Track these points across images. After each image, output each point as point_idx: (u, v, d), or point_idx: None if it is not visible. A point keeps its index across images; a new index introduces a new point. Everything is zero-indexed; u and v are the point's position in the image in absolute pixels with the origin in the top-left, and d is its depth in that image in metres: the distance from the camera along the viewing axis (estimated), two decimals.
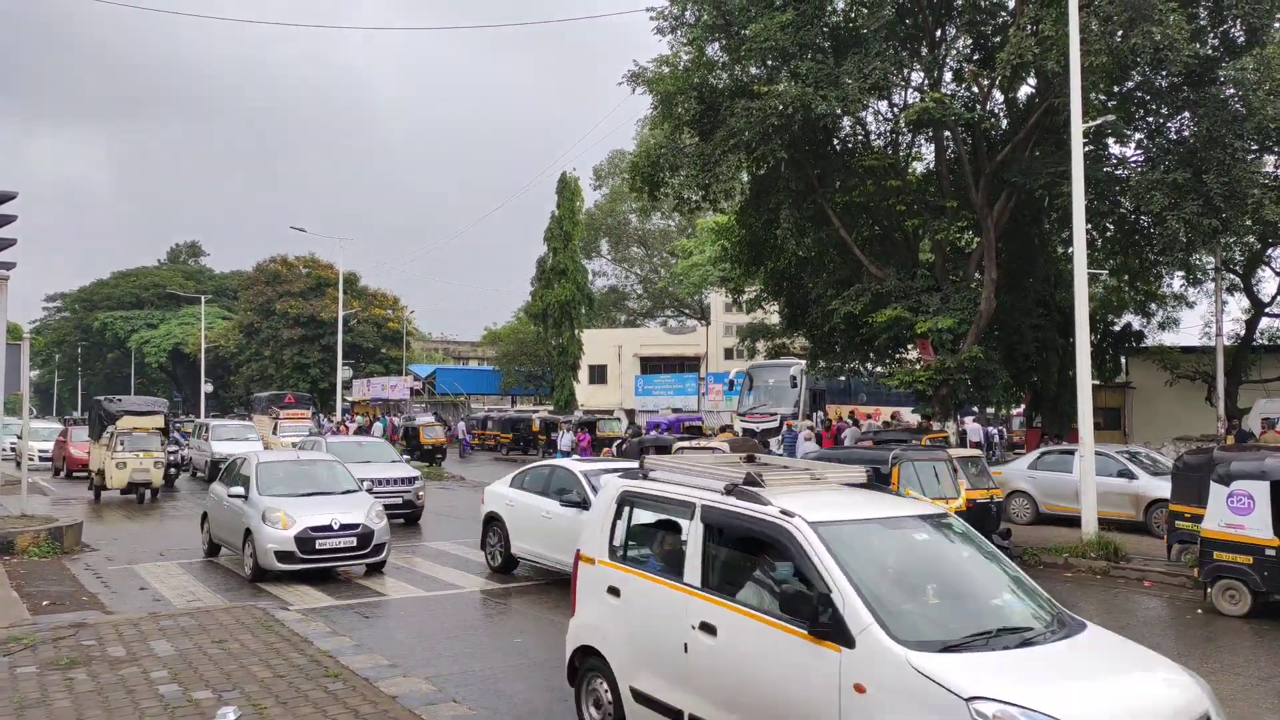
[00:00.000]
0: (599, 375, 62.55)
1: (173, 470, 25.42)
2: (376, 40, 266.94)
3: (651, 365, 61.53)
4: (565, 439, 35.08)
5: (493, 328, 78.40)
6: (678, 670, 5.62)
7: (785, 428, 25.77)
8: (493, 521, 13.73)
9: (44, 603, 10.81)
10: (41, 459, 32.19)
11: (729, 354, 60.35)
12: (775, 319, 33.09)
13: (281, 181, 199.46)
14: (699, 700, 5.46)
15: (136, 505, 22.14)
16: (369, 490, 15.47)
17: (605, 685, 6.18)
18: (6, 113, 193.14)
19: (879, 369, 28.73)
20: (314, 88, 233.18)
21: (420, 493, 19.12)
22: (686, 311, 70.21)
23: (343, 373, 48.82)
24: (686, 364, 61.19)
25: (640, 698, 5.88)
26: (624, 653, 6.06)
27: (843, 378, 32.87)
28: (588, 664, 6.36)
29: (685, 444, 18.88)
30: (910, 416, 32.13)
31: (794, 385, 33.87)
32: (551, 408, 50.95)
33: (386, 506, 15.12)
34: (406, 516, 18.69)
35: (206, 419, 41.78)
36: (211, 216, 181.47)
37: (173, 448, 25.95)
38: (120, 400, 25.12)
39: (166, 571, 13.41)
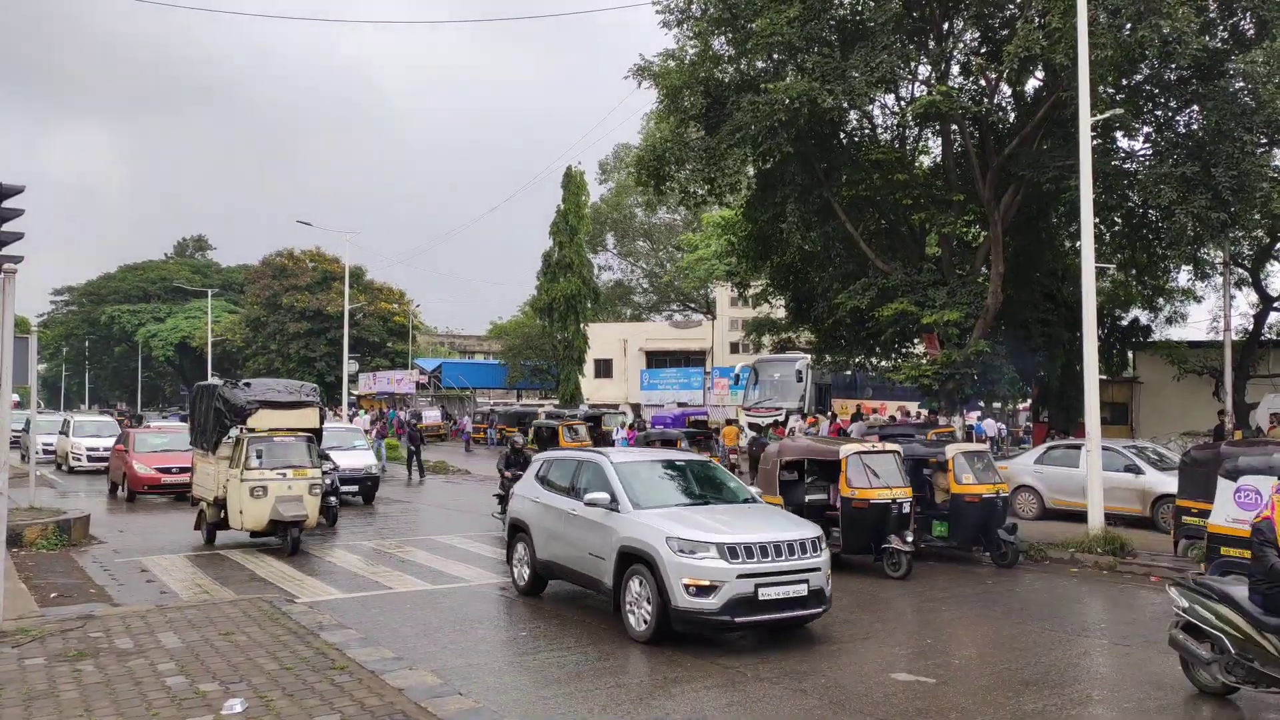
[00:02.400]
0: (604, 369, 62.52)
1: (333, 500, 16.83)
2: (385, 34, 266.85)
3: (657, 359, 61.47)
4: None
5: (498, 322, 78.54)
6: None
7: (807, 426, 25.75)
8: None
9: (52, 595, 10.86)
10: (90, 459, 27.82)
11: (734, 348, 60.28)
12: (781, 313, 33.03)
13: (288, 175, 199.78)
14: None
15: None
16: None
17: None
18: (20, 108, 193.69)
19: (885, 363, 28.68)
20: (322, 81, 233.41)
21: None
22: (692, 305, 70.12)
23: (349, 366, 48.85)
24: (692, 358, 61.11)
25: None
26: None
27: (848, 372, 32.83)
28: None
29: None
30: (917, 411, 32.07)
31: (800, 380, 33.85)
32: (557, 401, 50.97)
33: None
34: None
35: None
36: (218, 210, 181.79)
37: (328, 464, 17.27)
38: (250, 386, 15.55)
39: (173, 564, 13.46)
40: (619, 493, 9.75)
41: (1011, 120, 22.46)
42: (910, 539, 12.86)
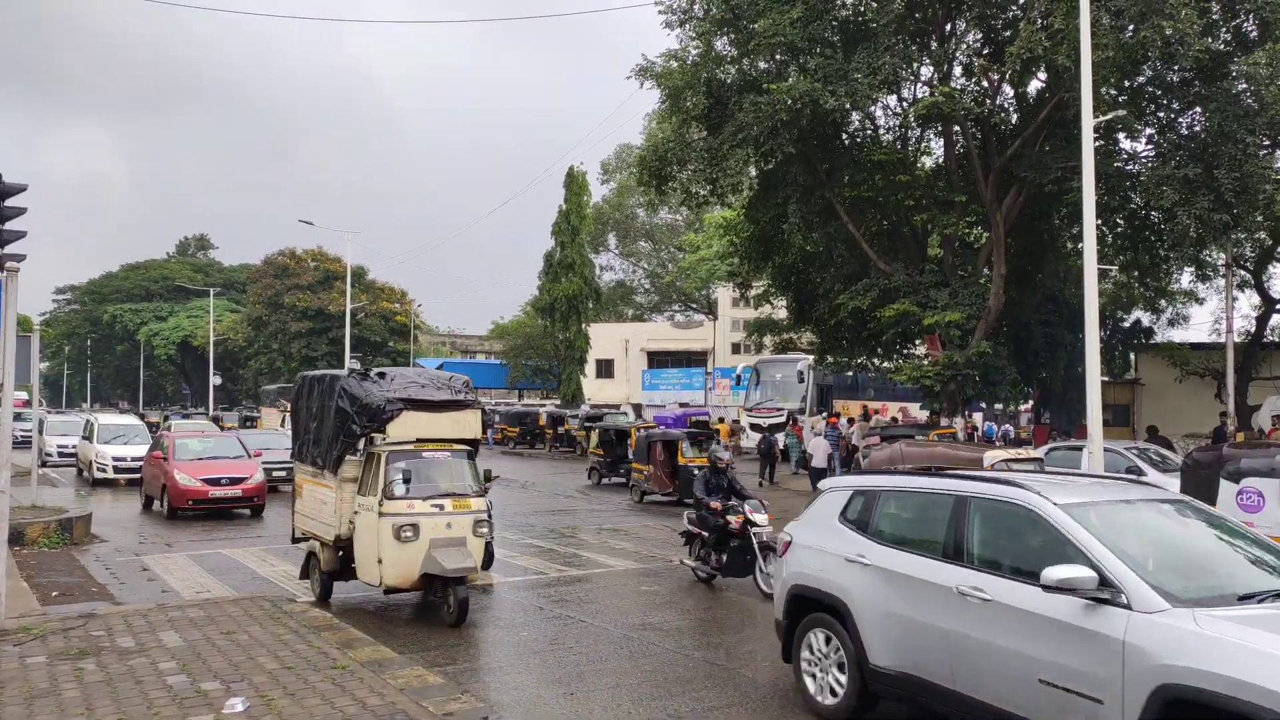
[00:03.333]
0: (606, 369, 62.55)
1: (489, 538, 10.69)
2: (387, 33, 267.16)
3: (658, 360, 61.50)
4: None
5: (500, 321, 78.60)
6: None
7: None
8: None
9: (53, 593, 10.88)
10: (117, 469, 23.81)
11: (736, 349, 60.30)
12: (783, 314, 33.06)
13: (290, 175, 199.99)
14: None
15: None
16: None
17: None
18: (22, 107, 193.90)
19: (886, 364, 28.69)
20: (324, 81, 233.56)
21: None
22: (694, 306, 70.13)
23: (350, 365, 48.93)
24: (693, 358, 61.15)
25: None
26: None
27: (850, 373, 32.83)
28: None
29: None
30: (918, 412, 32.09)
31: (801, 380, 33.85)
32: (558, 401, 51.00)
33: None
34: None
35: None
36: (220, 210, 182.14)
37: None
38: (387, 378, 10.64)
39: (175, 563, 13.46)
40: (1116, 572, 5.12)
41: (1014, 121, 22.48)
42: None
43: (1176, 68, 18.41)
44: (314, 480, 11.15)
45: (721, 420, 34.22)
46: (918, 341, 24.36)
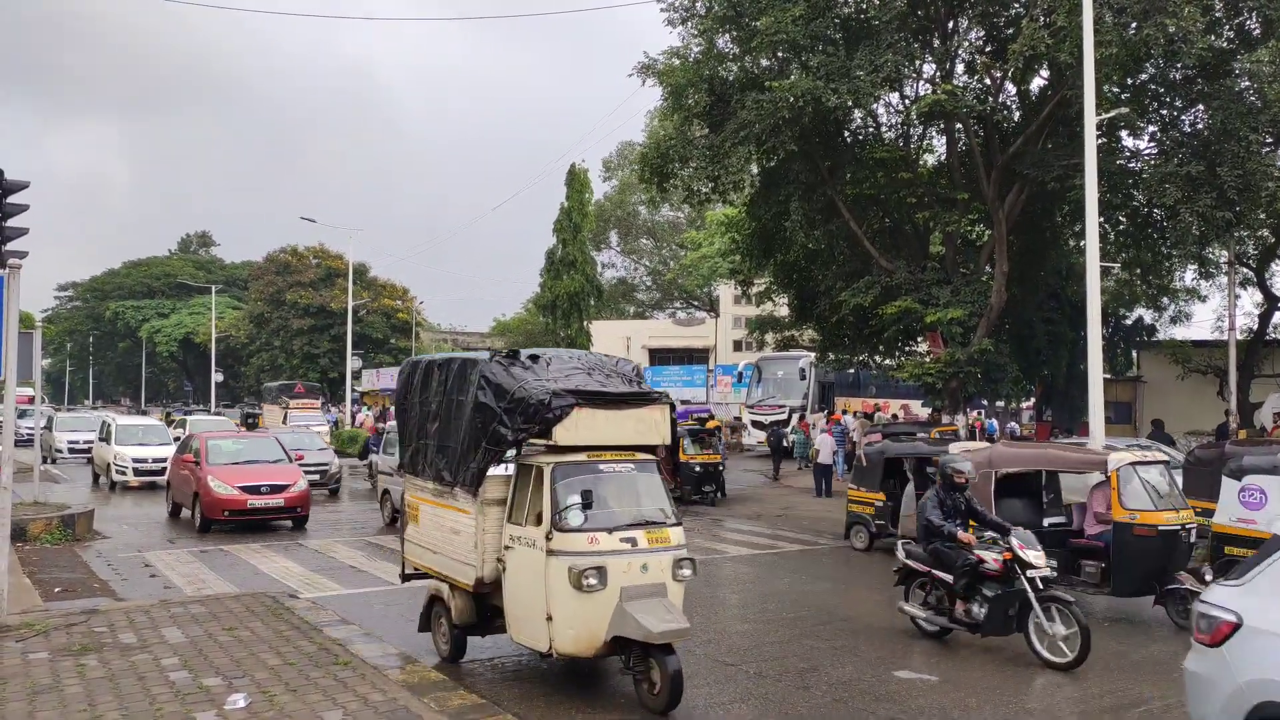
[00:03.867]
0: None
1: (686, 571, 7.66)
2: (390, 31, 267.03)
3: (660, 357, 61.47)
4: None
5: (501, 319, 78.56)
6: None
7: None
8: None
9: (56, 589, 10.90)
10: (138, 472, 22.33)
11: (738, 346, 60.28)
12: (784, 311, 33.05)
13: (292, 172, 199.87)
14: None
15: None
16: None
17: None
18: (26, 105, 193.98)
19: (888, 362, 28.67)
20: (327, 79, 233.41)
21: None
22: (695, 303, 70.09)
23: (352, 363, 48.97)
24: (695, 356, 61.12)
25: None
26: None
27: (852, 370, 32.82)
28: None
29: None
30: (919, 410, 32.08)
31: (803, 377, 33.83)
32: None
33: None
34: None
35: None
36: (222, 207, 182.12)
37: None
38: (541, 362, 8.00)
39: (177, 559, 13.48)
40: None
41: (1016, 119, 22.45)
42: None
43: (1179, 65, 18.37)
44: (437, 501, 8.44)
45: (711, 416, 33.97)
46: (919, 339, 24.35)
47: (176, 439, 23.09)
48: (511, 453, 7.76)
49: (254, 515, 15.92)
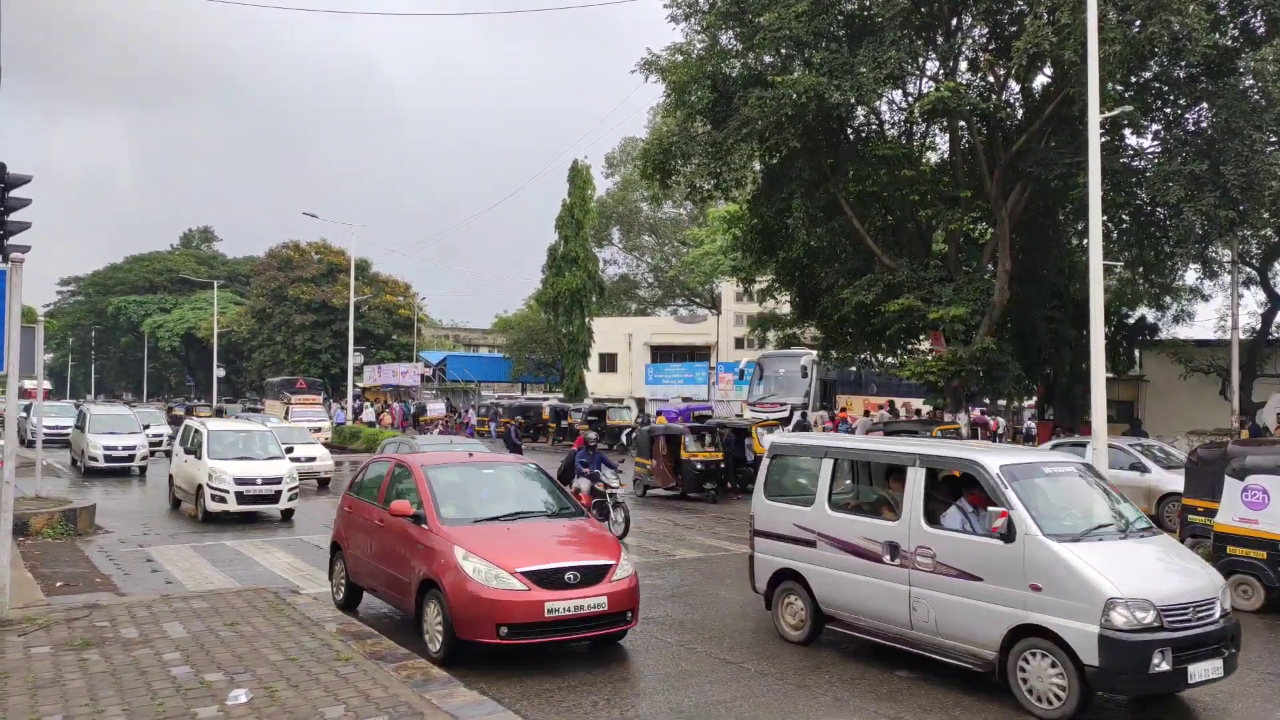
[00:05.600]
0: (609, 363, 62.52)
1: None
2: (393, 26, 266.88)
3: (662, 354, 61.45)
4: None
5: (503, 315, 78.59)
6: None
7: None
8: None
9: (58, 584, 10.91)
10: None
11: (739, 343, 60.24)
12: (786, 308, 32.97)
13: (295, 168, 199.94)
14: None
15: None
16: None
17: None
18: (30, 101, 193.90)
19: (890, 360, 28.64)
20: (330, 74, 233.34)
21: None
22: (697, 300, 70.07)
23: (354, 359, 49.01)
24: (697, 353, 61.10)
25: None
26: None
27: (854, 368, 32.77)
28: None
29: None
30: (919, 406, 31.98)
31: (804, 375, 33.76)
32: (561, 395, 51.00)
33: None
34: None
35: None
36: (225, 202, 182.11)
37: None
38: None
39: (179, 554, 13.49)
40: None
41: (1020, 117, 22.39)
42: None
43: (1183, 63, 18.33)
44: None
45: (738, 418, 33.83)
46: (922, 337, 24.31)
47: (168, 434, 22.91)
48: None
49: (561, 630, 8.08)
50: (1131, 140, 21.28)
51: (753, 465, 21.33)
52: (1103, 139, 16.60)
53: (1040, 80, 22.60)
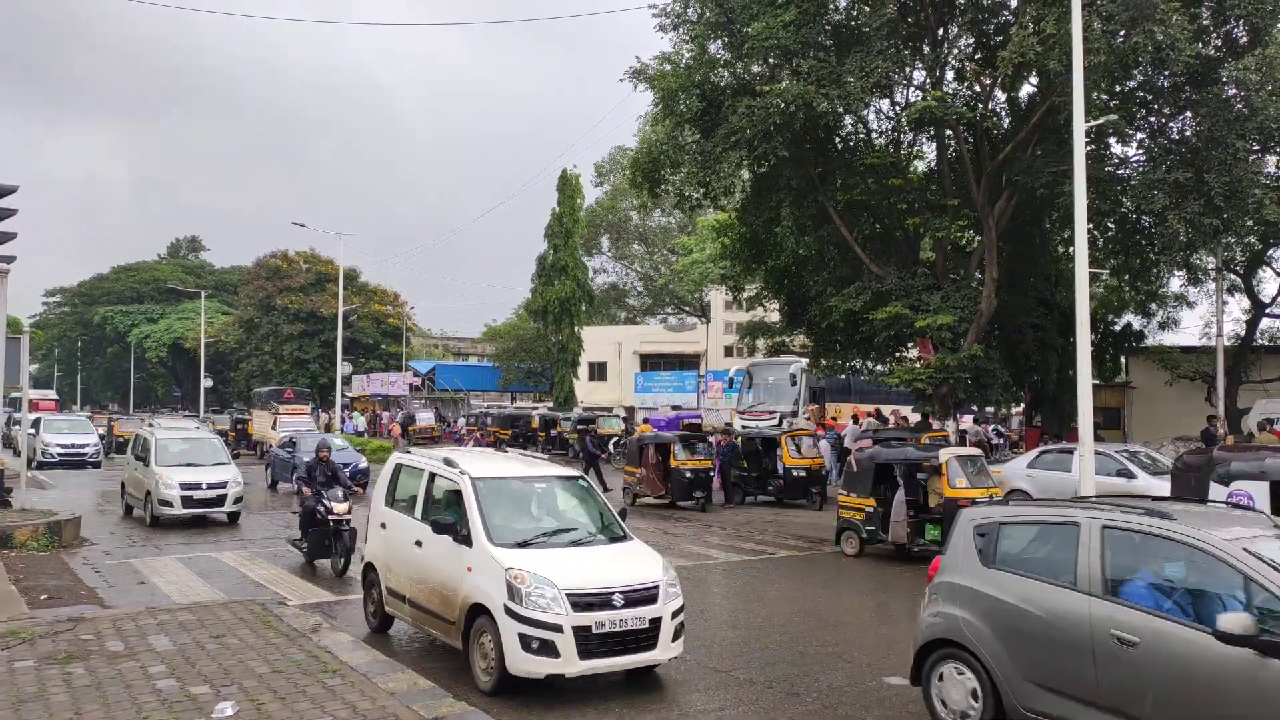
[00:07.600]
0: (599, 372, 62.54)
1: None
2: (385, 37, 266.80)
3: (651, 362, 61.50)
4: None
5: (493, 324, 78.41)
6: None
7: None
8: None
9: (42, 597, 10.80)
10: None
11: (729, 351, 60.33)
12: (775, 317, 33.08)
13: (283, 177, 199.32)
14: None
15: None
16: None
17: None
18: (22, 111, 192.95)
19: (879, 367, 28.73)
20: (320, 85, 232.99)
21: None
22: (687, 309, 70.15)
23: (342, 368, 48.85)
24: (686, 361, 61.17)
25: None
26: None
27: (843, 376, 32.85)
28: None
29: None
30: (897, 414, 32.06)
31: (794, 383, 33.82)
32: (551, 404, 50.93)
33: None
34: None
35: None
36: (212, 211, 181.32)
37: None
38: None
39: (164, 566, 13.39)
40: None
41: (1006, 126, 22.53)
42: None
43: (1167, 73, 18.50)
44: None
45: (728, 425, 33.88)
46: (910, 345, 24.40)
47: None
48: None
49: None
50: (1116, 149, 21.47)
51: (784, 477, 21.31)
52: (1088, 148, 16.73)
53: (1026, 90, 22.78)
